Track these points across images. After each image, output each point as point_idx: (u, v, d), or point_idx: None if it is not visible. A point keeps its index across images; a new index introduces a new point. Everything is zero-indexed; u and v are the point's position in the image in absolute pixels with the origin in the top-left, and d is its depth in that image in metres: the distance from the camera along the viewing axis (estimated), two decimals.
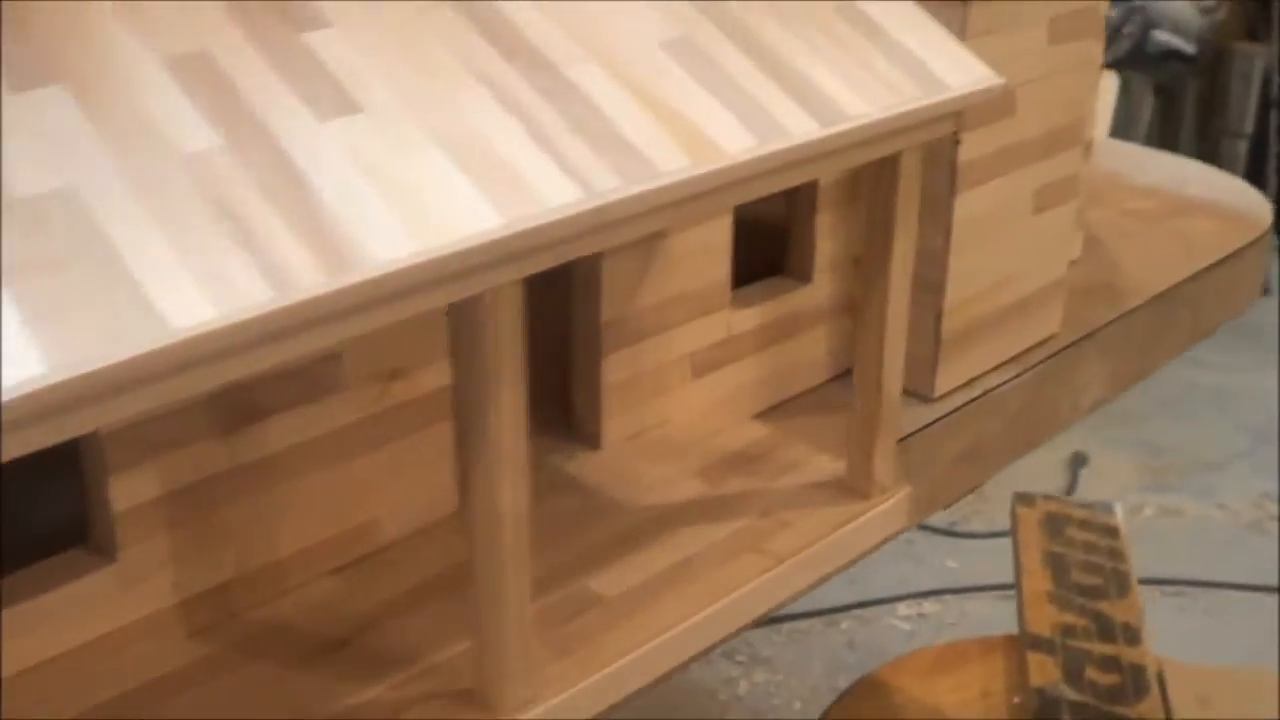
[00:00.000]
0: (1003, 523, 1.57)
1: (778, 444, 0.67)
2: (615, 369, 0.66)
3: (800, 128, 0.50)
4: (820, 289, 0.72)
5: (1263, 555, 2.21)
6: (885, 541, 0.64)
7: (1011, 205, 0.74)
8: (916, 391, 0.75)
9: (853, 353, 0.76)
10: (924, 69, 0.55)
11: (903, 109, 0.53)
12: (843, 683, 2.05)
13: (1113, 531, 1.35)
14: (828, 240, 0.72)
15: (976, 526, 2.24)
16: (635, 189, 0.45)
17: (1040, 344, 0.80)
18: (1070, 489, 2.36)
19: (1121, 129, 2.57)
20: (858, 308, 0.61)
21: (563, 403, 0.68)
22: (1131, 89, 2.54)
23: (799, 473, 0.65)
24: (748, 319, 0.70)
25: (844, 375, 0.77)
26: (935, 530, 2.20)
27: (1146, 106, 2.56)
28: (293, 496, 0.57)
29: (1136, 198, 1.00)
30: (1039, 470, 2.38)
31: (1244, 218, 0.98)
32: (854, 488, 0.63)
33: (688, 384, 0.69)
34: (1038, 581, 1.29)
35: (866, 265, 0.60)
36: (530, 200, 0.44)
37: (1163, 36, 2.02)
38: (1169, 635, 2.05)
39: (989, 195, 0.72)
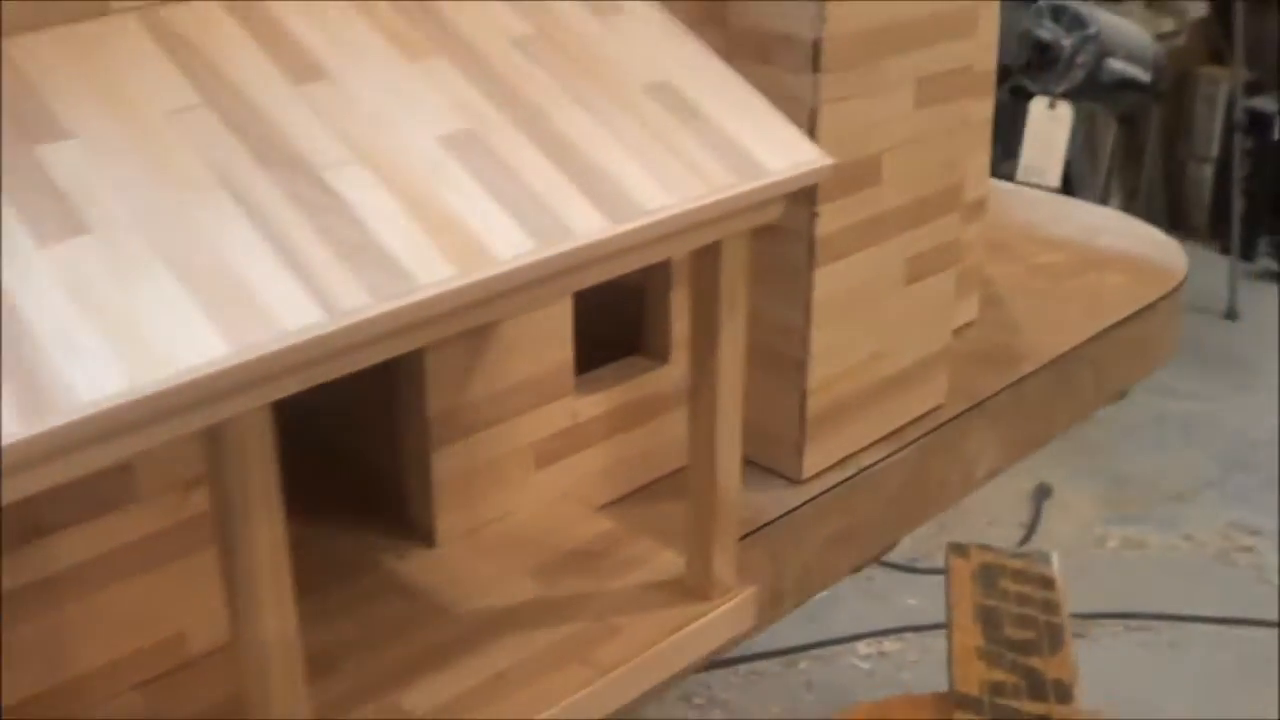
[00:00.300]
0: None
1: (621, 539, 0.63)
2: (447, 462, 0.62)
3: (587, 226, 0.46)
4: (679, 368, 0.69)
5: (1229, 587, 2.17)
6: (728, 644, 0.61)
7: (881, 277, 0.70)
8: (783, 474, 0.71)
9: None
10: (742, 153, 0.51)
11: (709, 200, 0.49)
12: None
13: (1048, 583, 1.32)
14: (686, 317, 0.68)
15: (938, 562, 2.20)
16: (386, 306, 0.42)
17: (923, 417, 0.76)
18: (1034, 522, 2.32)
19: (1085, 157, 2.54)
20: (689, 399, 0.57)
21: (398, 496, 0.65)
22: (1095, 116, 2.50)
23: (639, 571, 0.61)
24: (595, 405, 0.67)
25: None
26: (895, 567, 2.17)
27: (1109, 133, 2.53)
28: (92, 611, 0.54)
29: (1047, 251, 0.97)
30: (1002, 504, 2.34)
31: (1158, 270, 0.94)
32: (693, 588, 0.60)
33: (530, 475, 0.66)
34: (968, 636, 1.25)
35: (694, 356, 0.56)
36: (264, 324, 0.40)
37: (1117, 65, 1.98)
38: (1132, 670, 2.02)
39: (854, 268, 0.69)
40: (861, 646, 2.13)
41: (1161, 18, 2.51)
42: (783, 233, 0.63)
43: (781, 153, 0.52)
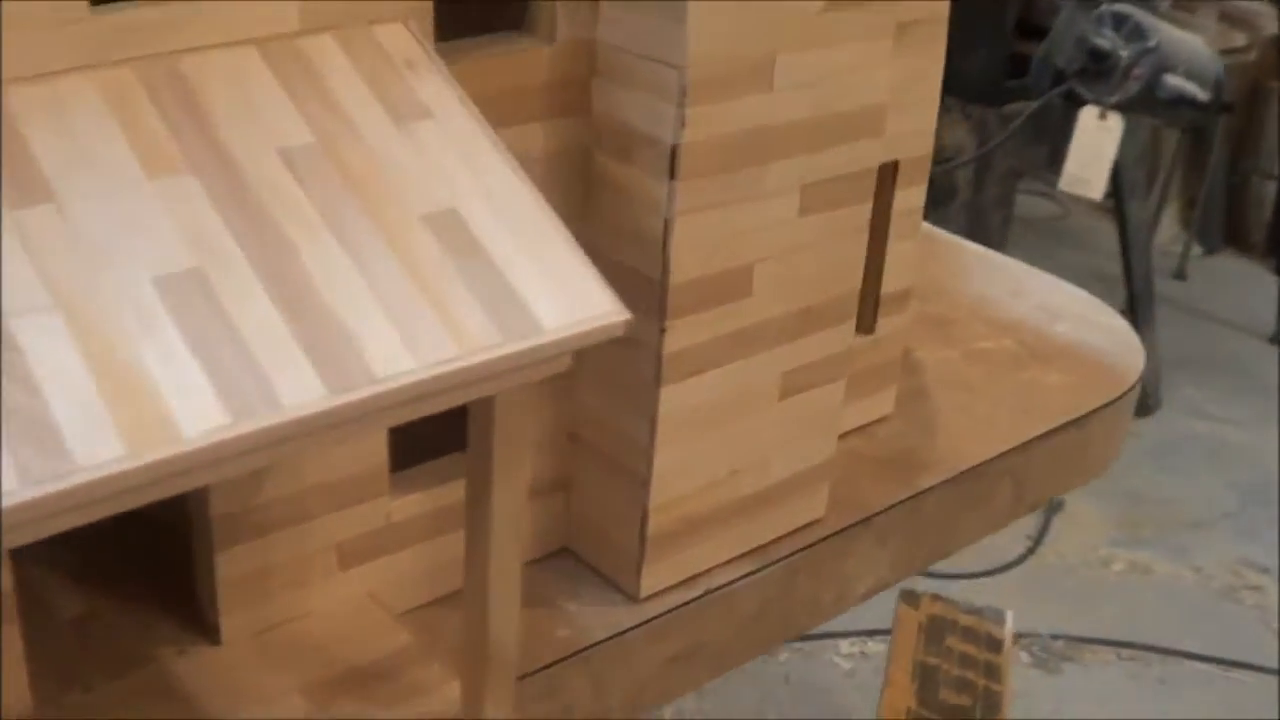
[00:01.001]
0: (960, 562, 1.48)
1: (413, 659, 0.59)
2: (235, 563, 0.58)
3: (299, 396, 0.42)
4: None
5: (1231, 626, 2.11)
6: None
7: (747, 392, 0.65)
8: (622, 589, 0.66)
9: (567, 532, 0.68)
10: (516, 305, 0.46)
11: (456, 365, 0.44)
12: (771, 715, 1.98)
13: (996, 645, 1.26)
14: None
15: (937, 566, 2.15)
16: (32, 493, 0.37)
17: (796, 532, 0.71)
18: (1040, 535, 2.26)
19: (1142, 164, 2.43)
20: (465, 551, 0.53)
21: (190, 590, 0.61)
22: (1157, 127, 2.40)
23: (420, 702, 0.57)
24: (412, 505, 0.62)
25: (553, 555, 0.69)
26: None
27: (1171, 142, 2.42)
28: None
29: (992, 335, 0.90)
30: None
31: (1109, 371, 0.88)
32: None
33: (333, 576, 0.61)
34: (901, 696, 1.20)
35: (467, 513, 0.52)
36: None
37: (1175, 81, 1.88)
38: (1115, 701, 1.96)
39: (712, 384, 0.63)
40: (845, 645, 2.09)
41: (1234, 32, 2.39)
42: (632, 343, 0.58)
43: (567, 304, 0.47)
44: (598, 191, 0.61)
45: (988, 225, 2.33)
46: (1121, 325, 0.93)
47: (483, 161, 0.50)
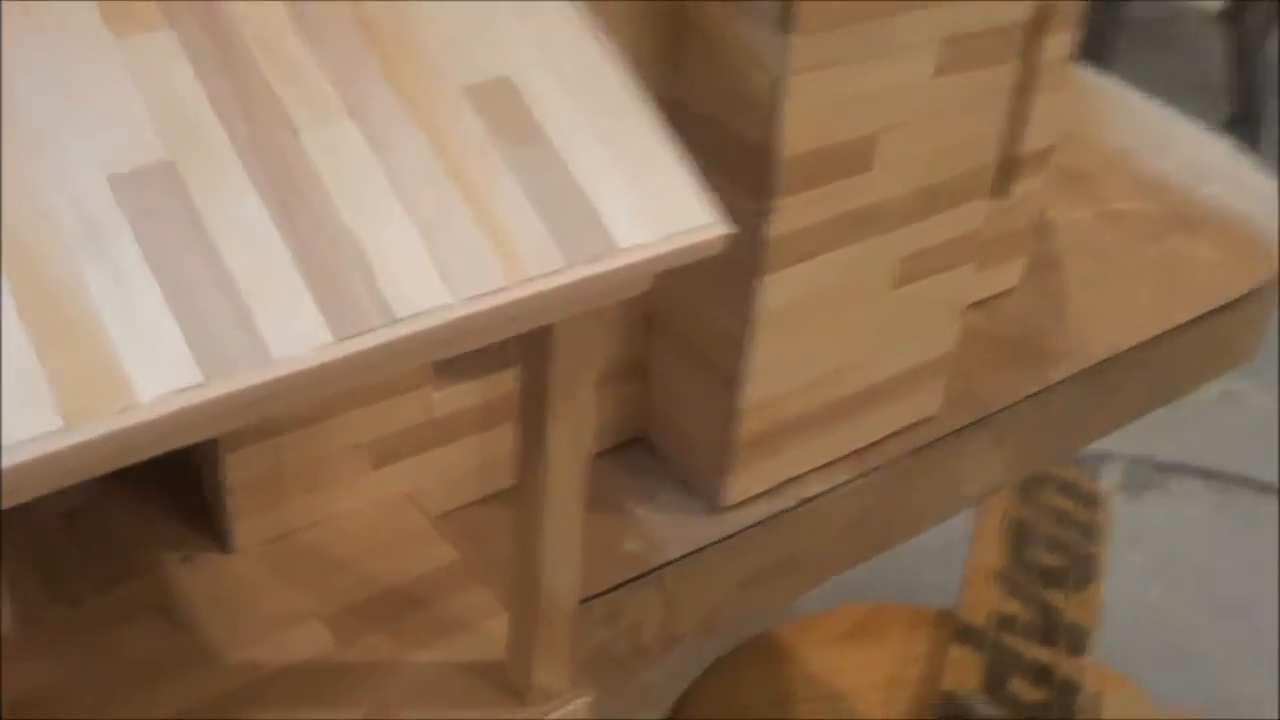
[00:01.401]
0: None
1: (454, 579, 0.51)
2: (246, 464, 0.49)
3: (296, 346, 0.32)
4: None
5: None
6: None
7: (860, 280, 0.54)
8: (703, 495, 0.57)
9: (643, 420, 0.59)
10: (583, 210, 0.36)
11: (504, 300, 0.34)
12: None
13: (1093, 500, 1.17)
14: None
15: None
16: None
17: (905, 430, 0.61)
18: None
19: None
20: (520, 496, 0.43)
21: (199, 492, 0.52)
22: None
23: (457, 642, 0.49)
24: (460, 396, 0.53)
25: (626, 445, 0.60)
26: None
27: None
28: None
29: (1133, 194, 0.78)
30: None
31: (1261, 248, 0.76)
32: (512, 684, 0.47)
33: (364, 476, 0.53)
34: (989, 554, 1.12)
35: (521, 454, 0.42)
36: None
37: None
38: (1200, 532, 1.88)
39: (821, 271, 0.53)
40: None
41: None
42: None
43: (650, 211, 0.37)
44: (690, 33, 0.50)
45: (1100, 30, 2.15)
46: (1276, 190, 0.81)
47: (549, 12, 0.39)
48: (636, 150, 0.37)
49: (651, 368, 0.58)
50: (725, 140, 0.49)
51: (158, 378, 0.31)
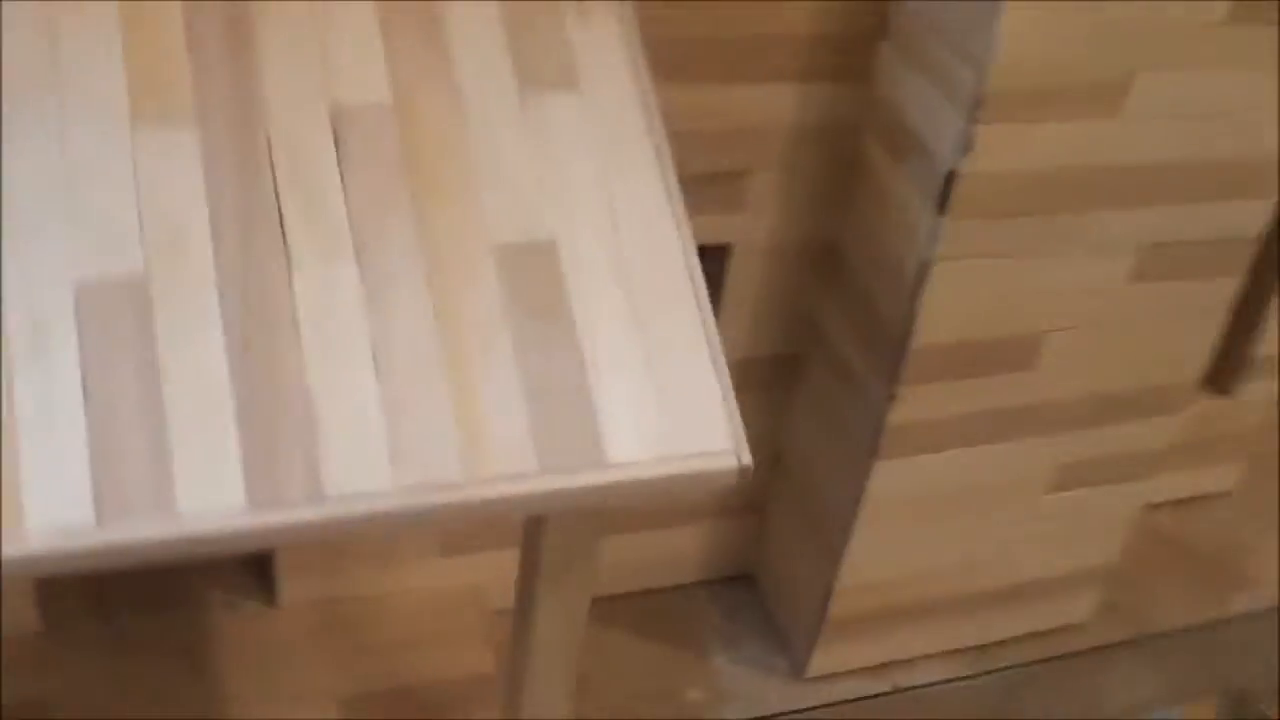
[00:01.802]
0: None
1: (483, 693, 0.48)
2: None
3: (205, 504, 0.29)
4: None
5: None
6: None
7: (1005, 479, 0.49)
8: (791, 661, 0.53)
9: (754, 559, 0.55)
10: (580, 414, 0.32)
11: (448, 499, 0.31)
12: None
13: None
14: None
15: None
16: None
17: (1046, 634, 0.55)
18: None
19: None
20: (508, 661, 0.40)
21: None
22: None
23: None
24: None
25: (735, 579, 0.56)
26: None
27: None
28: None
29: None
30: None
31: None
32: None
33: (428, 560, 0.50)
34: None
35: (513, 620, 0.39)
36: None
37: None
38: None
39: (950, 465, 0.47)
40: None
41: None
42: (857, 388, 0.43)
43: (661, 424, 0.32)
44: (859, 181, 0.45)
45: None
46: None
47: (625, 170, 0.35)
48: (671, 348, 0.33)
49: (769, 512, 0.54)
50: (868, 312, 0.44)
51: (50, 510, 0.29)
